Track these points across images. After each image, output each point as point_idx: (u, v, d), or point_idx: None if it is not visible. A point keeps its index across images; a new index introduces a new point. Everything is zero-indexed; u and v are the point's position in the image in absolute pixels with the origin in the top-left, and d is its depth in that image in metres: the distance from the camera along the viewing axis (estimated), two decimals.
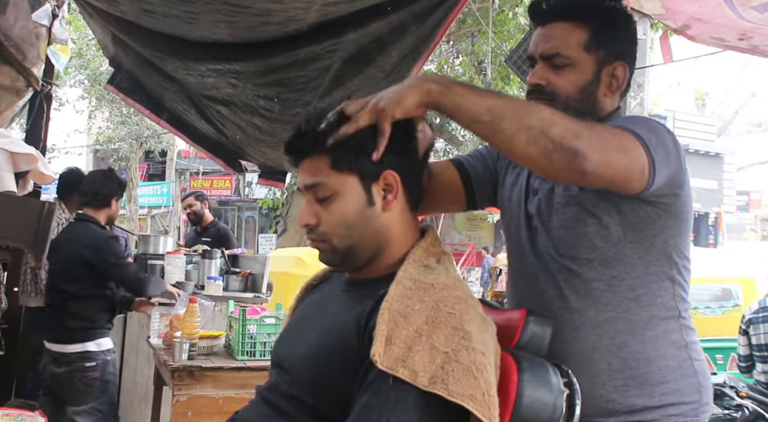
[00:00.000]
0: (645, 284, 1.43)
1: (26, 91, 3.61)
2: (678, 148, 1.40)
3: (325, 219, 1.29)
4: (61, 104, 16.99)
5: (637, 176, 1.32)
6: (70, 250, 3.63)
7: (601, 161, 1.26)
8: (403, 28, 3.08)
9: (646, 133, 1.33)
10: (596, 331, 1.42)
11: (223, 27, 3.11)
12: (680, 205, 1.44)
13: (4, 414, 2.58)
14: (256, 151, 4.56)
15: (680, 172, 1.40)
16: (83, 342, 3.63)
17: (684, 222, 1.46)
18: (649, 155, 1.31)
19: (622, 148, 1.30)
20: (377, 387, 1.14)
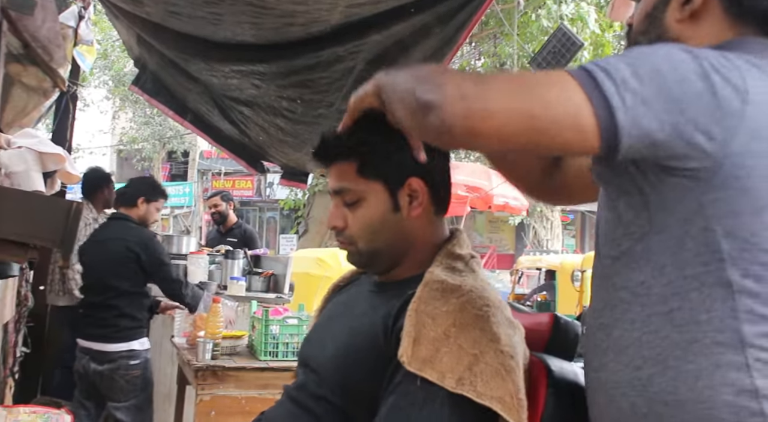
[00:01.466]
0: (680, 293, 0.97)
1: (53, 91, 3.65)
2: (714, 73, 0.94)
3: (351, 222, 1.30)
4: (85, 105, 17.21)
5: (566, 126, 0.93)
6: (116, 246, 3.67)
7: (463, 112, 0.93)
8: (427, 29, 3.08)
9: (606, 65, 0.94)
10: (620, 359, 1.03)
11: (247, 28, 3.12)
12: (729, 169, 0.94)
13: (31, 412, 2.61)
14: (278, 151, 4.58)
15: (715, 117, 0.93)
16: (129, 341, 3.67)
17: (743, 194, 0.95)
18: (593, 93, 0.92)
19: (522, 91, 0.95)
20: (405, 388, 1.14)
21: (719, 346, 0.94)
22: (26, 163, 2.55)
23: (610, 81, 0.92)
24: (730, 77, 0.93)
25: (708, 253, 0.95)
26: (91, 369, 3.66)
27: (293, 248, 14.32)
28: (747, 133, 0.92)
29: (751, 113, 0.92)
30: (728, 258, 0.95)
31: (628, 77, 0.92)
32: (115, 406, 3.64)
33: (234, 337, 3.35)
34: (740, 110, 0.92)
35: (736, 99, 0.92)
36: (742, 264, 0.94)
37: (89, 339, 3.69)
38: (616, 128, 0.91)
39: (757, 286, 0.94)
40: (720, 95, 0.92)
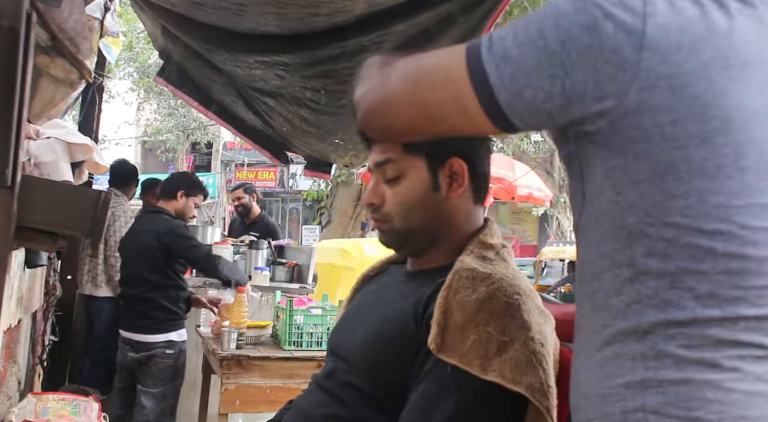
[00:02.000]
0: (598, 274, 0.86)
1: (79, 83, 3.68)
2: (606, 23, 0.79)
3: (389, 199, 1.30)
4: (111, 96, 17.36)
5: (452, 111, 0.88)
6: (148, 238, 3.75)
7: (371, 105, 0.96)
8: (451, 19, 3.06)
9: (495, 35, 0.87)
10: (574, 347, 0.95)
11: (272, 19, 3.12)
12: (625, 130, 0.80)
13: (60, 399, 2.65)
14: (302, 142, 4.59)
15: (604, 74, 0.80)
16: (167, 332, 3.74)
17: (642, 158, 0.80)
18: (474, 71, 0.85)
19: (414, 77, 0.92)
20: (435, 375, 1.14)
21: (622, 334, 0.83)
22: (55, 153, 2.58)
23: (491, 54, 0.84)
24: (624, 20, 0.79)
25: (615, 229, 0.83)
26: (129, 358, 3.74)
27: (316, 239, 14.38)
28: (643, 86, 0.79)
29: (649, 59, 0.78)
30: (632, 234, 0.82)
31: (510, 47, 0.83)
32: (143, 390, 3.71)
33: (258, 327, 3.38)
34: (635, 60, 0.78)
35: (629, 46, 0.78)
36: (646, 240, 0.81)
37: (130, 330, 3.77)
38: (499, 106, 0.84)
39: (661, 265, 0.80)
40: (609, 47, 0.79)
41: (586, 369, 0.88)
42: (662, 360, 0.80)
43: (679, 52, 0.78)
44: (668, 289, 0.80)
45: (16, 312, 2.71)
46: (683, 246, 0.80)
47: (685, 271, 0.80)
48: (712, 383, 0.78)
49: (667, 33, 0.79)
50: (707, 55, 0.79)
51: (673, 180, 0.79)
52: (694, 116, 0.78)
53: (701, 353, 0.79)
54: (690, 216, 0.79)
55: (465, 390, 1.12)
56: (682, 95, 0.78)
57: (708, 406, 0.77)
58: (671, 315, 0.80)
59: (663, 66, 0.78)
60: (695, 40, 0.79)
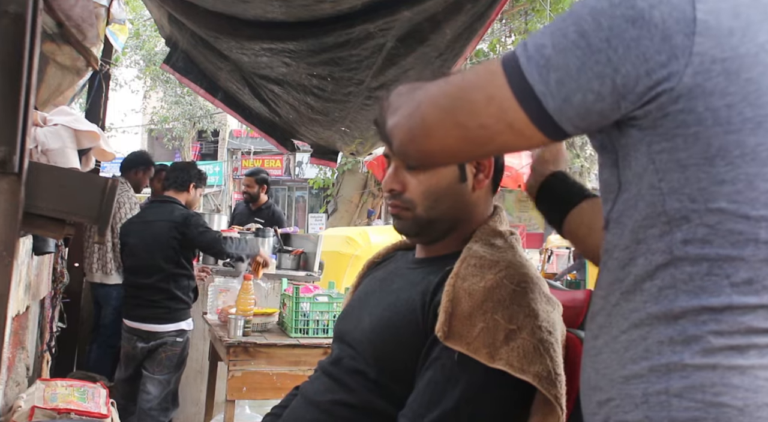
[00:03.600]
0: (633, 258, 0.85)
1: (86, 70, 3.68)
2: (652, 13, 0.79)
3: (413, 187, 1.29)
4: (117, 84, 17.37)
5: (498, 130, 0.86)
6: (163, 228, 3.78)
7: (408, 137, 0.93)
8: (458, 5, 3.04)
9: (532, 45, 0.85)
10: (590, 326, 0.95)
11: (277, 6, 3.11)
12: (676, 115, 0.79)
13: (68, 385, 2.67)
14: (308, 130, 4.59)
15: (659, 54, 0.78)
16: (178, 322, 3.77)
17: (693, 142, 0.79)
18: (517, 84, 0.84)
19: (450, 101, 0.89)
20: (442, 363, 1.14)
21: (652, 318, 0.82)
22: (62, 140, 2.58)
23: (531, 64, 0.83)
24: (672, 7, 0.78)
25: (654, 215, 0.83)
26: (139, 349, 3.75)
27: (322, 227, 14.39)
28: (696, 71, 0.78)
29: (701, 46, 0.77)
30: (672, 219, 0.81)
31: (551, 53, 0.82)
32: (149, 376, 3.73)
33: (265, 314, 3.39)
34: (687, 46, 0.77)
35: (679, 33, 0.77)
36: (686, 226, 0.80)
37: (138, 320, 3.77)
38: (548, 115, 0.83)
39: (700, 251, 0.80)
40: (659, 36, 0.78)
41: (609, 350, 0.87)
42: (690, 345, 0.79)
43: (733, 35, 0.78)
44: (705, 275, 0.79)
45: (25, 298, 2.72)
46: (725, 233, 0.79)
47: (724, 258, 0.79)
48: (739, 369, 0.77)
49: (719, 17, 0.78)
50: (762, 38, 0.78)
51: (723, 164, 0.78)
52: (750, 100, 0.77)
53: (731, 340, 0.78)
54: (737, 202, 0.78)
55: (472, 377, 1.12)
56: (738, 79, 0.77)
57: (734, 392, 0.77)
58: (705, 301, 0.79)
59: (717, 49, 0.77)
60: (748, 23, 0.78)
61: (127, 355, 3.84)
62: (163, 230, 3.77)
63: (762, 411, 0.76)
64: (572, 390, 1.14)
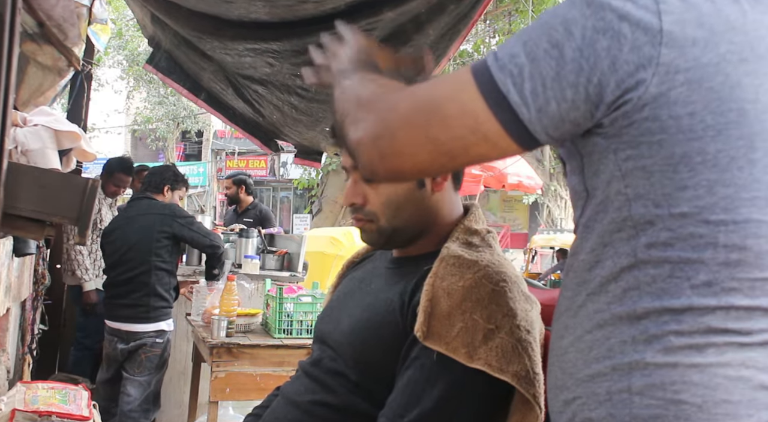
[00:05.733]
0: (600, 261, 0.88)
1: (67, 70, 3.65)
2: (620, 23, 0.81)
3: (373, 199, 1.29)
4: (100, 84, 17.25)
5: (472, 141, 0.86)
6: (146, 221, 3.77)
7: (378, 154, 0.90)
8: (441, 6, 3.05)
9: (504, 54, 0.85)
10: (555, 327, 0.97)
11: (261, 6, 3.10)
12: (642, 122, 0.82)
13: (49, 387, 2.64)
14: (292, 130, 4.58)
15: (627, 64, 0.81)
16: (158, 322, 3.74)
17: (657, 149, 0.82)
18: (490, 95, 0.84)
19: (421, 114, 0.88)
20: (421, 362, 1.14)
21: (616, 318, 0.85)
22: (42, 140, 2.56)
23: (504, 73, 0.83)
24: (640, 18, 0.80)
25: (621, 219, 0.85)
26: (119, 350, 3.72)
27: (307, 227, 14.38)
28: (662, 81, 0.80)
29: (667, 56, 0.80)
30: (637, 224, 0.84)
31: (524, 62, 0.83)
32: (129, 378, 3.71)
33: (248, 315, 3.37)
34: (653, 56, 0.80)
35: (647, 44, 0.80)
36: (650, 230, 0.83)
37: (118, 320, 3.74)
38: (523, 125, 0.83)
39: (662, 254, 0.82)
40: (627, 46, 0.80)
41: (574, 350, 0.89)
42: (652, 344, 0.81)
43: (696, 45, 0.80)
44: (667, 278, 0.82)
45: (5, 300, 2.70)
46: (686, 236, 0.81)
47: (685, 261, 0.81)
48: (698, 367, 0.79)
49: (684, 28, 0.80)
50: (724, 48, 0.80)
51: (686, 171, 0.81)
52: (711, 108, 0.80)
53: (691, 339, 0.80)
54: (698, 207, 0.81)
55: (451, 377, 1.12)
56: (700, 88, 0.80)
57: (693, 389, 0.79)
58: (667, 302, 0.82)
59: (681, 59, 0.80)
60: (711, 34, 0.80)
61: (108, 357, 3.82)
62: (148, 223, 3.76)
63: (719, 407, 0.78)
64: None
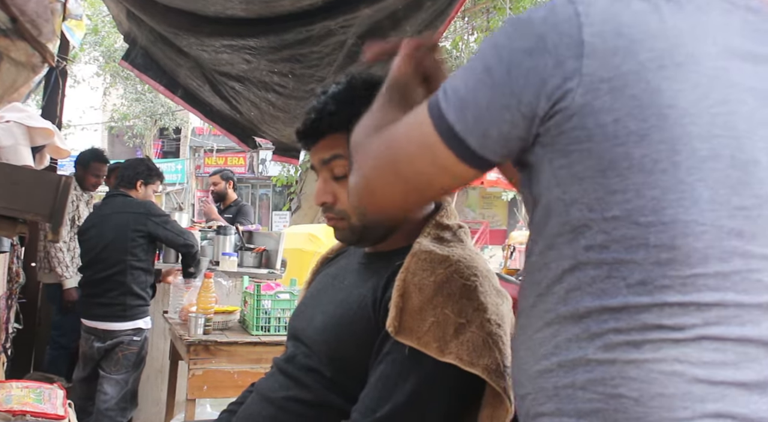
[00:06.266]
0: (546, 263, 0.92)
1: (42, 66, 3.59)
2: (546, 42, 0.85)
3: (343, 197, 1.29)
4: (76, 81, 17.07)
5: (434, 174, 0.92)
6: (123, 219, 3.74)
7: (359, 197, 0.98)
8: (418, 3, 3.06)
9: (449, 86, 0.91)
10: (516, 326, 1.02)
11: (237, 2, 3.09)
12: (570, 132, 0.85)
13: (24, 387, 2.62)
14: (270, 127, 4.56)
15: (552, 77, 0.84)
16: (135, 320, 3.71)
17: (586, 157, 0.85)
18: (441, 127, 0.89)
19: (387, 154, 0.94)
20: (393, 357, 1.15)
21: (561, 318, 0.89)
22: (14, 137, 2.53)
23: (450, 105, 0.89)
24: (560, 33, 0.84)
25: (561, 224, 0.89)
26: (96, 349, 3.69)
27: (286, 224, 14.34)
28: (586, 90, 0.83)
29: (589, 67, 0.83)
30: (575, 228, 0.88)
31: (463, 92, 0.88)
32: (106, 376, 3.68)
33: (226, 312, 3.36)
34: (577, 68, 0.83)
35: (570, 58, 0.83)
36: (587, 233, 0.87)
37: (95, 319, 3.71)
38: (473, 151, 0.89)
39: (599, 256, 0.86)
40: (551, 62, 0.84)
41: (525, 348, 0.94)
42: (593, 341, 0.85)
43: (616, 55, 0.83)
44: (605, 278, 0.85)
45: None
46: (620, 238, 0.84)
47: (620, 262, 0.85)
48: (635, 363, 0.83)
49: (604, 38, 0.83)
50: (643, 56, 0.83)
51: (614, 176, 0.83)
52: (633, 115, 0.82)
53: (628, 336, 0.84)
54: (628, 210, 0.84)
55: (422, 372, 1.13)
56: (622, 95, 0.82)
57: (630, 384, 0.83)
58: (605, 302, 0.85)
59: (603, 69, 0.83)
60: (631, 42, 0.83)
61: (84, 355, 3.79)
62: (122, 221, 3.73)
63: (655, 400, 0.82)
64: None
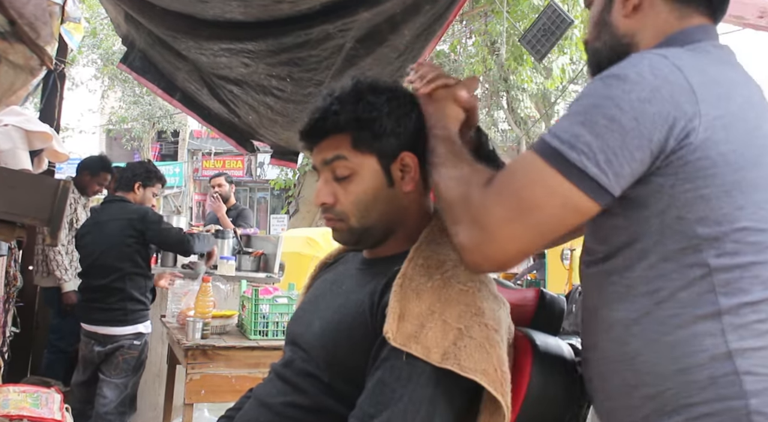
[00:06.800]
0: (663, 275, 1.06)
1: (40, 69, 3.60)
2: (661, 92, 1.02)
3: (343, 198, 1.29)
4: (74, 84, 17.06)
5: (564, 216, 1.03)
6: (118, 227, 3.70)
7: (483, 257, 1.05)
8: (417, 6, 3.06)
9: (565, 136, 1.02)
10: (608, 336, 1.12)
11: (236, 6, 3.09)
12: (695, 163, 1.02)
13: (21, 391, 2.61)
14: (268, 131, 4.56)
15: (677, 120, 1.01)
16: (135, 324, 3.70)
17: (709, 178, 1.03)
18: (571, 174, 1.01)
19: (516, 208, 1.03)
20: (391, 363, 1.14)
21: (697, 318, 1.03)
22: (13, 141, 2.53)
23: (576, 152, 1.00)
24: (673, 82, 1.02)
25: (684, 239, 1.04)
26: (96, 353, 3.68)
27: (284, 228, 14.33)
28: (705, 128, 1.02)
29: (705, 109, 1.02)
30: (703, 240, 1.04)
31: (591, 140, 1.00)
32: (105, 380, 3.67)
33: (224, 317, 3.36)
34: (696, 111, 1.02)
35: (687, 102, 1.02)
36: (716, 243, 1.03)
37: (95, 323, 3.69)
38: (605, 190, 1.01)
39: (732, 261, 1.03)
40: (673, 106, 1.01)
41: (651, 351, 1.06)
42: (740, 333, 1.02)
43: (720, 99, 1.04)
44: (739, 279, 1.03)
45: None
46: (750, 244, 1.04)
47: (753, 263, 1.03)
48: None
49: (708, 87, 1.04)
50: (738, 100, 1.06)
51: (739, 194, 1.03)
52: (746, 145, 1.04)
53: (753, 323, 1.02)
54: (754, 220, 1.04)
55: (420, 377, 1.12)
56: (734, 130, 1.04)
57: (757, 355, 1.01)
58: (744, 298, 1.02)
59: (714, 110, 1.03)
60: (726, 90, 1.06)
61: (84, 359, 3.77)
62: (118, 228, 3.70)
63: None
64: (519, 388, 1.15)
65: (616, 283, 1.10)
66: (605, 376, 1.12)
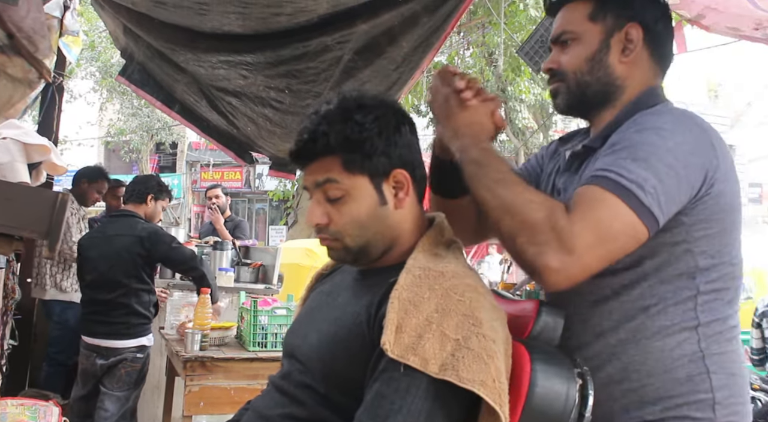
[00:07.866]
0: (657, 293, 1.30)
1: (38, 82, 3.61)
2: (699, 147, 1.27)
3: (336, 219, 1.28)
4: (72, 96, 17.08)
5: (628, 242, 1.23)
6: (126, 242, 3.68)
7: (566, 275, 1.19)
8: (414, 18, 3.08)
9: (636, 178, 1.22)
10: (600, 340, 1.33)
11: (234, 18, 3.11)
12: (712, 205, 1.28)
13: (19, 404, 2.61)
14: (266, 142, 4.57)
15: (708, 171, 1.26)
16: (138, 337, 3.68)
17: (717, 221, 1.30)
18: (640, 211, 1.21)
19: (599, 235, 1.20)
20: (389, 375, 1.14)
21: (682, 329, 1.30)
22: (11, 154, 2.53)
23: (646, 194, 1.21)
24: (709, 142, 1.29)
25: (685, 267, 1.30)
26: (98, 366, 3.66)
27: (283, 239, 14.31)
28: (720, 179, 1.29)
29: (720, 163, 1.29)
30: (700, 270, 1.31)
31: (656, 184, 1.21)
32: (107, 393, 3.64)
33: (223, 328, 3.35)
34: (716, 164, 1.28)
35: (714, 158, 1.28)
36: (707, 273, 1.31)
37: (97, 336, 3.67)
38: (658, 224, 1.23)
39: (712, 287, 1.31)
40: (707, 159, 1.27)
41: (641, 352, 1.30)
42: (708, 341, 1.30)
43: (725, 156, 1.31)
44: (714, 300, 1.31)
45: None
46: (726, 274, 1.33)
47: (724, 289, 1.33)
48: (736, 351, 1.34)
49: (719, 143, 1.30)
50: (729, 160, 1.32)
51: (726, 234, 1.32)
52: (734, 193, 1.33)
53: (730, 333, 1.33)
54: (731, 255, 1.33)
55: (418, 389, 1.12)
56: (729, 183, 1.31)
57: (739, 365, 1.33)
58: (715, 315, 1.31)
59: (723, 164, 1.30)
60: (723, 149, 1.31)
61: (85, 372, 3.74)
62: (125, 245, 3.68)
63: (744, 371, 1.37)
64: (518, 400, 1.15)
65: (610, 297, 1.32)
66: (595, 373, 1.28)
